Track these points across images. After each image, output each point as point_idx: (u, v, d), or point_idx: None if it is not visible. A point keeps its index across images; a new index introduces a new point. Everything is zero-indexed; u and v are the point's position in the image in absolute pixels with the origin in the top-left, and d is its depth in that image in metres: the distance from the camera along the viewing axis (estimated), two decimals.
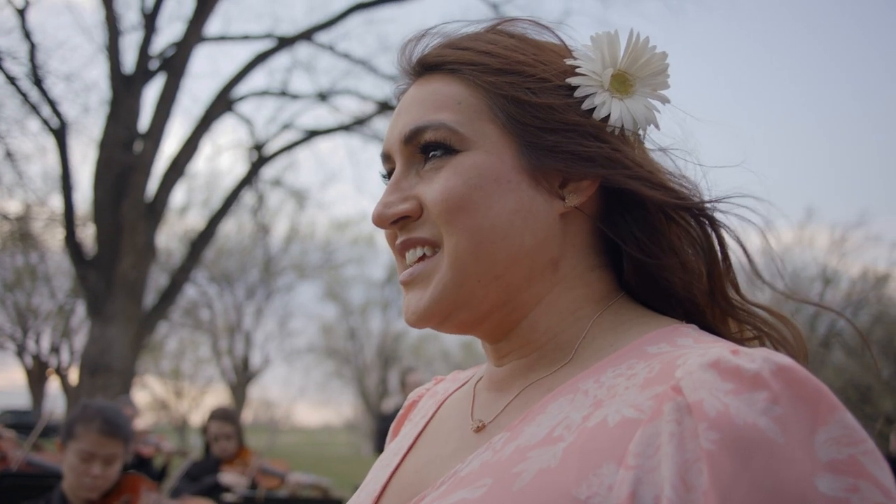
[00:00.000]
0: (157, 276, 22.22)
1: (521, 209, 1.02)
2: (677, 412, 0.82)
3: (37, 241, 26.66)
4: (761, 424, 0.77)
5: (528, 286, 1.05)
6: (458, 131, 1.03)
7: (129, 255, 15.06)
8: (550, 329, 1.06)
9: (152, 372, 41.94)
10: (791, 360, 0.83)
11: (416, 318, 1.05)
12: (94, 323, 15.31)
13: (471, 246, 1.01)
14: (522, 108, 1.03)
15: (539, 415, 0.97)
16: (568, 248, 1.06)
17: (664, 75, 1.08)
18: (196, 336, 40.09)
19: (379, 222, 1.07)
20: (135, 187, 15.22)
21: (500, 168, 1.02)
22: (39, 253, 28.48)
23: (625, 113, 1.05)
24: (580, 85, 1.05)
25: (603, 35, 1.06)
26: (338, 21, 17.40)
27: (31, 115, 15.73)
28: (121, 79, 15.54)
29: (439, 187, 1.02)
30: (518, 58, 1.05)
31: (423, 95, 1.08)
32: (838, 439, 0.78)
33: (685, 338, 0.97)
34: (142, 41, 15.87)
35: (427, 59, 1.10)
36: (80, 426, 3.53)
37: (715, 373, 0.82)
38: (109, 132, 15.31)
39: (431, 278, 1.04)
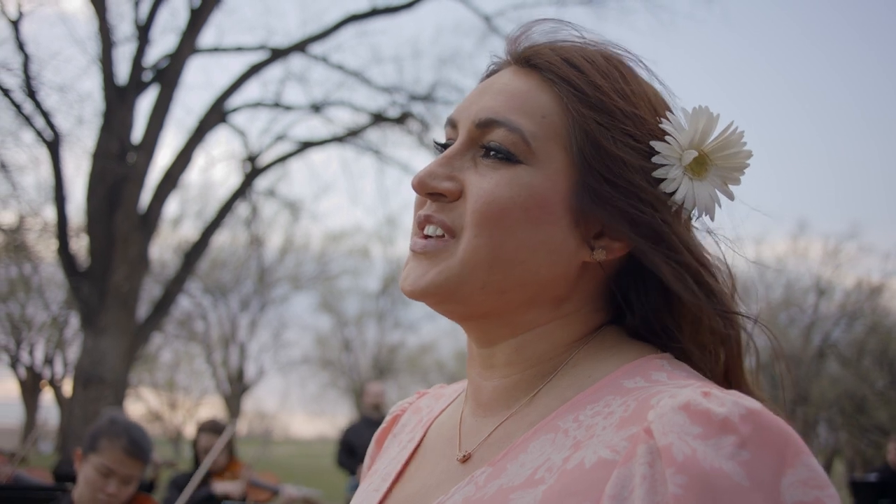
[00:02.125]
0: (150, 287, 22.18)
1: (550, 243, 1.02)
2: (650, 455, 0.84)
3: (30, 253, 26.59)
4: (727, 469, 0.79)
5: (526, 310, 1.05)
6: (530, 144, 1.01)
7: (122, 267, 15.03)
8: (536, 357, 1.06)
9: (147, 383, 41.83)
10: (759, 404, 0.85)
11: (412, 290, 1.04)
12: (87, 334, 15.27)
13: (489, 255, 1.01)
14: (597, 151, 1.01)
15: (521, 453, 0.98)
16: (576, 293, 1.06)
17: (740, 172, 1.07)
18: (190, 347, 39.99)
19: (418, 187, 1.06)
20: (128, 199, 15.20)
21: (550, 196, 1.01)
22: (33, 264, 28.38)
23: (689, 194, 1.03)
24: (661, 153, 1.03)
25: (704, 111, 1.04)
26: (331, 33, 17.43)
27: (24, 127, 15.72)
28: (114, 90, 15.53)
29: (488, 187, 1.01)
30: (616, 102, 1.03)
31: (515, 89, 1.06)
32: (805, 481, 0.81)
33: (659, 372, 0.99)
34: (135, 52, 15.88)
35: (537, 57, 1.08)
36: (105, 441, 3.47)
37: (685, 416, 0.84)
38: (103, 143, 15.30)
39: (440, 261, 1.03)
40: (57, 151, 15.30)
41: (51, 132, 15.30)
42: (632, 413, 0.92)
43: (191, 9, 16.09)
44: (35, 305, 32.22)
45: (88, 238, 15.53)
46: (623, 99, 1.04)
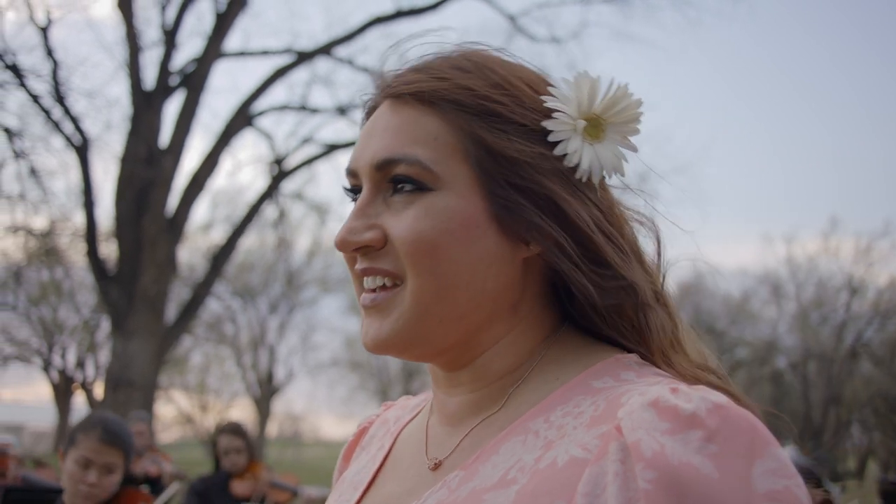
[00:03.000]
0: (180, 291, 22.33)
1: (487, 256, 1.02)
2: (621, 451, 0.85)
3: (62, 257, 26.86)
4: (695, 462, 0.81)
5: (489, 327, 1.06)
6: (432, 170, 1.02)
7: (150, 270, 15.15)
8: (504, 369, 1.07)
9: (178, 386, 42.10)
10: (726, 398, 0.87)
11: (374, 346, 1.05)
12: (117, 338, 15.40)
13: (435, 289, 1.01)
14: (494, 158, 1.02)
15: (493, 455, 0.99)
16: (527, 292, 1.07)
17: (636, 123, 1.08)
18: (220, 350, 40.19)
19: (342, 247, 1.07)
20: (155, 202, 15.33)
21: (470, 213, 1.02)
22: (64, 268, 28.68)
23: (594, 160, 1.05)
24: (554, 130, 1.04)
25: (583, 76, 1.06)
26: (356, 35, 17.50)
27: (54, 133, 15.88)
28: (142, 95, 15.67)
29: (408, 226, 1.02)
30: (497, 96, 1.04)
31: (399, 123, 1.06)
32: (774, 471, 0.82)
33: (628, 371, 1.01)
34: (162, 57, 16.00)
35: (406, 84, 1.07)
36: (81, 433, 3.51)
37: (654, 412, 0.86)
38: (130, 148, 15.44)
39: (393, 310, 1.04)
40: (86, 156, 15.44)
41: (79, 137, 15.44)
42: (602, 412, 0.93)
43: (216, 13, 16.20)
44: (67, 309, 32.55)
45: (117, 242, 15.67)
46: (498, 90, 1.05)
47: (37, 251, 26.91)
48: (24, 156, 16.82)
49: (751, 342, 35.60)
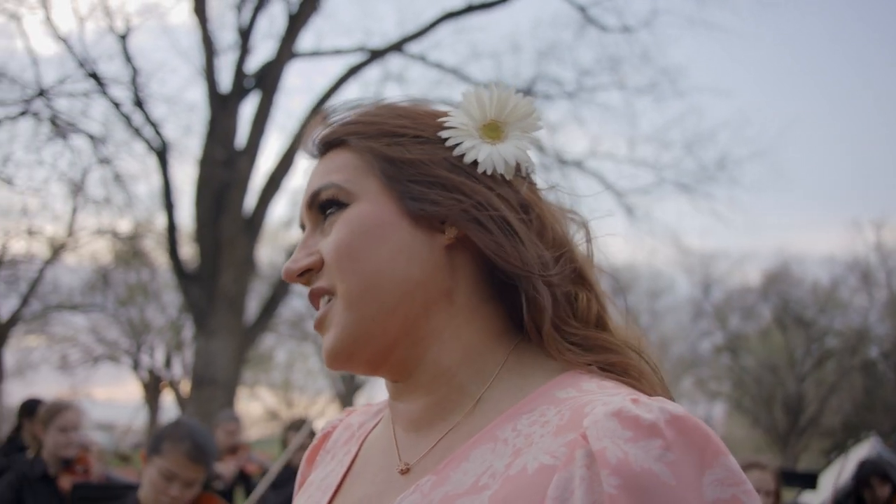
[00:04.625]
0: (262, 290, 22.67)
1: (403, 246, 1.11)
2: (587, 458, 0.91)
3: (147, 259, 27.54)
4: (656, 469, 0.88)
5: (427, 318, 1.12)
6: (345, 187, 1.15)
7: (230, 270, 15.41)
8: (455, 366, 1.12)
9: (263, 383, 42.80)
10: (683, 409, 0.94)
11: (328, 360, 1.14)
12: (199, 337, 15.71)
13: (358, 287, 1.10)
14: (394, 164, 1.14)
15: (462, 462, 1.04)
16: (459, 280, 1.13)
17: (533, 118, 1.17)
18: (304, 347, 40.73)
19: (287, 276, 1.17)
20: (233, 203, 15.57)
21: (381, 214, 1.12)
22: (150, 270, 29.40)
23: (495, 156, 1.14)
24: (450, 136, 1.15)
25: (467, 92, 1.17)
26: (428, 31, 17.49)
27: (135, 138, 16.26)
28: (217, 98, 15.93)
29: (332, 239, 1.13)
30: (396, 122, 1.17)
31: (321, 167, 1.21)
32: (722, 480, 0.89)
33: (589, 382, 1.06)
34: (236, 60, 16.24)
35: (323, 139, 1.22)
36: (168, 444, 3.51)
37: (617, 422, 0.92)
38: (208, 151, 15.71)
39: (332, 320, 1.13)
40: (165, 160, 15.76)
41: (159, 142, 15.77)
42: (567, 421, 0.99)
43: (289, 15, 16.38)
44: (153, 310, 33.34)
45: (197, 243, 15.97)
46: (400, 118, 1.18)
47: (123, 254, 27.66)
48: (108, 161, 17.28)
49: (841, 331, 34.75)
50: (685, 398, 43.55)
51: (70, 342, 34.87)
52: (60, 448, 4.93)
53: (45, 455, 4.93)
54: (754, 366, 35.34)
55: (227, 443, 7.78)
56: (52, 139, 16.83)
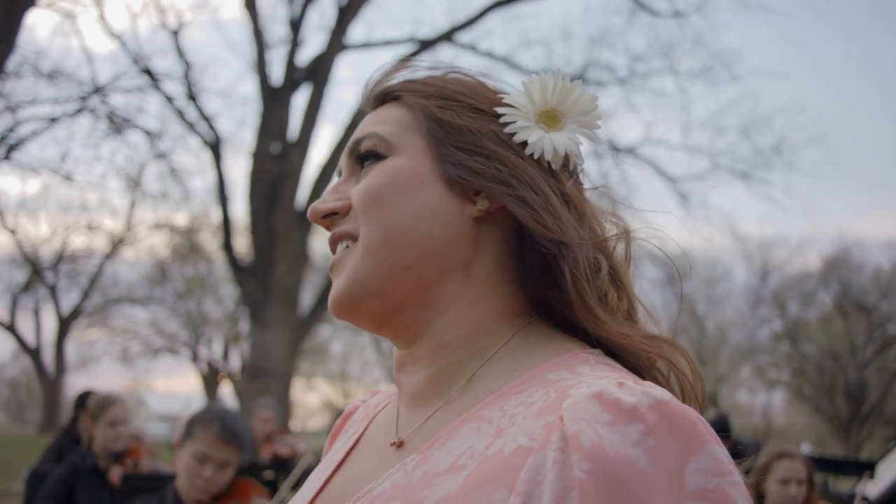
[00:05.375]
0: (316, 281, 22.84)
1: (432, 206, 1.09)
2: (561, 441, 0.86)
3: (204, 252, 27.92)
4: (632, 455, 0.82)
5: (441, 284, 1.10)
6: (387, 140, 1.13)
7: (283, 262, 15.54)
8: (458, 339, 1.10)
9: (320, 374, 43.23)
10: (669, 395, 0.88)
11: (332, 304, 1.12)
12: (254, 328, 15.89)
13: (380, 235, 1.08)
14: (442, 126, 1.12)
15: (448, 441, 1.01)
16: (482, 255, 1.11)
17: (594, 115, 1.15)
18: (360, 338, 41.07)
19: (312, 216, 1.17)
20: (286, 196, 15.71)
21: (417, 170, 1.11)
22: (207, 263, 29.80)
23: (546, 142, 1.11)
24: (505, 114, 1.13)
25: (532, 77, 1.15)
26: (477, 20, 17.47)
27: (190, 133, 16.46)
28: (269, 91, 16.07)
29: (363, 184, 1.12)
30: (453, 87, 1.16)
31: (370, 118, 1.19)
32: (708, 469, 0.83)
33: (584, 365, 1.01)
34: (288, 53, 16.35)
35: (378, 92, 1.21)
36: (199, 427, 3.58)
37: (597, 404, 0.87)
38: (261, 144, 15.86)
39: (347, 265, 1.11)
40: (219, 154, 15.94)
41: (213, 135, 15.95)
42: (551, 402, 0.95)
43: (339, 7, 16.45)
44: (211, 302, 33.82)
45: (251, 235, 16.13)
46: (459, 84, 1.17)
47: (180, 247, 28.07)
48: (164, 156, 17.53)
49: None
50: (744, 387, 43.10)
51: (130, 335, 35.56)
52: (110, 442, 5.00)
53: (95, 448, 5.01)
54: (815, 353, 34.81)
55: (262, 431, 7.85)
56: (109, 135, 17.13)
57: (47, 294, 31.71)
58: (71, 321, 32.41)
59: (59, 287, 31.40)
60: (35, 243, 28.93)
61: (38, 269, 29.66)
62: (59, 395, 32.21)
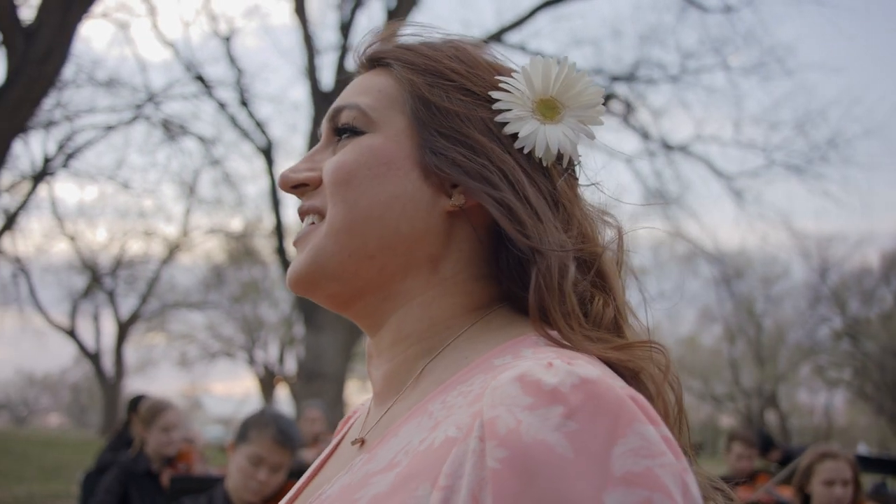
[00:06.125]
0: None
1: (403, 196, 1.03)
2: (481, 429, 0.80)
3: (258, 257, 28.19)
4: (551, 440, 0.76)
5: (404, 277, 1.05)
6: (368, 114, 1.07)
7: None
8: (416, 333, 1.05)
9: None
10: (597, 373, 0.81)
11: (289, 281, 1.08)
12: (308, 331, 15.98)
13: (346, 218, 1.03)
14: (429, 108, 1.06)
15: (393, 438, 0.97)
16: (452, 252, 1.06)
17: (596, 110, 1.08)
18: None
19: (282, 184, 1.12)
20: None
21: (394, 153, 1.05)
22: (262, 267, 30.08)
23: (539, 135, 1.04)
24: (500, 100, 1.06)
25: (538, 59, 1.07)
26: (526, 20, 17.38)
27: (243, 139, 16.65)
28: (320, 96, 16.15)
29: (335, 159, 1.07)
30: (449, 64, 1.08)
31: (360, 81, 1.13)
32: (636, 451, 0.76)
33: (530, 348, 0.95)
34: (338, 58, 16.44)
35: (370, 54, 1.15)
36: (255, 431, 3.63)
37: (518, 387, 0.81)
38: (311, 148, 15.94)
39: (309, 242, 1.07)
40: (271, 159, 16.09)
41: (265, 140, 16.10)
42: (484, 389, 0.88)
43: (388, 11, 16.49)
44: (266, 306, 34.13)
45: None
46: (455, 62, 1.08)
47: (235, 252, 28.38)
48: (218, 162, 17.76)
49: None
50: (803, 386, 42.42)
51: (188, 339, 36.01)
52: (163, 447, 5.08)
53: (148, 452, 5.10)
54: (876, 351, 34.13)
55: (310, 432, 7.91)
56: (164, 142, 17.41)
57: (106, 300, 32.26)
58: (129, 326, 32.92)
59: (117, 293, 31.94)
60: (94, 250, 29.48)
61: (97, 275, 30.19)
62: (119, 398, 32.68)
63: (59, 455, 23.25)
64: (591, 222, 1.06)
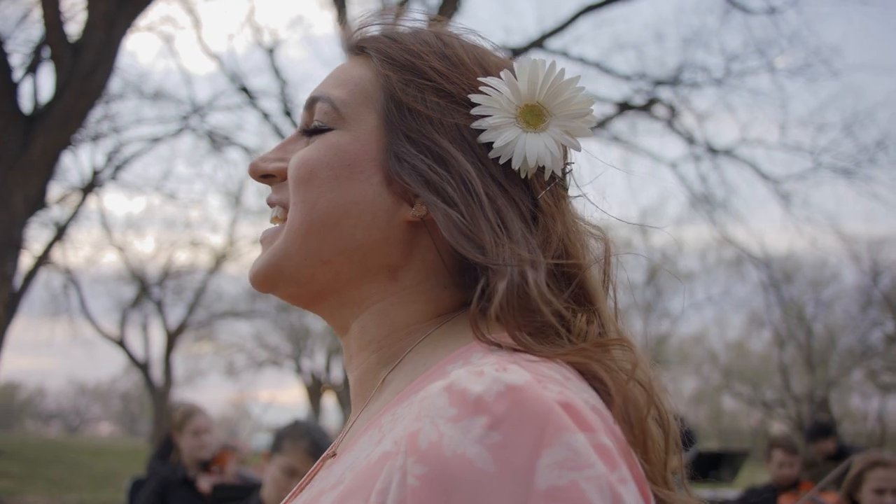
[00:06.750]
0: None
1: (362, 202, 1.00)
2: (406, 443, 0.76)
3: None
4: (471, 454, 0.71)
5: (360, 284, 1.03)
6: (339, 110, 1.03)
7: None
8: (378, 339, 1.03)
9: None
10: (526, 379, 0.75)
11: (250, 279, 1.07)
12: None
13: (304, 221, 1.01)
14: (400, 110, 1.01)
15: (349, 453, 0.94)
16: (414, 261, 1.02)
17: (585, 120, 1.01)
18: None
19: (251, 173, 1.10)
20: None
21: (359, 155, 1.01)
22: None
23: (517, 146, 0.98)
24: (480, 104, 0.99)
25: (529, 62, 1.00)
26: (568, 26, 17.31)
27: None
28: None
29: (300, 155, 1.03)
30: (431, 61, 1.03)
31: (340, 69, 1.09)
32: (562, 463, 0.71)
33: (480, 352, 0.90)
34: None
35: (362, 41, 1.10)
36: (288, 442, 3.66)
37: (446, 397, 0.76)
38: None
39: (271, 243, 1.05)
40: None
41: None
42: None
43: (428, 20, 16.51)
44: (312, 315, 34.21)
45: None
46: (440, 59, 1.02)
47: None
48: None
49: None
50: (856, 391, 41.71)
51: (235, 348, 36.29)
52: (195, 451, 5.13)
53: (184, 459, 5.15)
54: None
55: None
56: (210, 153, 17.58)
57: (155, 309, 32.61)
58: (178, 336, 33.24)
59: (165, 302, 32.28)
60: (142, 260, 29.85)
61: (145, 286, 30.54)
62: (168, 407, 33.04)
63: (109, 463, 23.56)
64: (577, 236, 1.01)
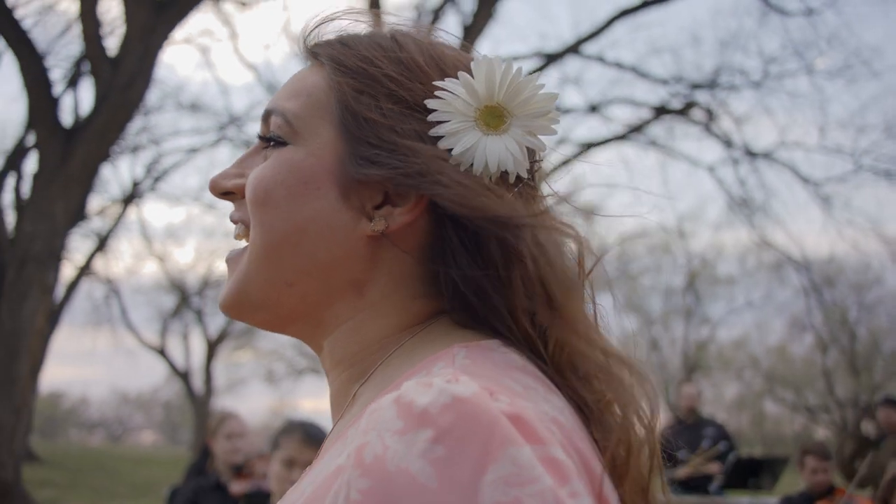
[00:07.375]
0: None
1: (320, 219, 0.97)
2: (353, 457, 0.74)
3: None
4: (414, 469, 0.69)
5: (329, 304, 1.00)
6: (292, 124, 1.00)
7: None
8: (349, 357, 1.00)
9: None
10: (473, 391, 0.73)
11: (220, 306, 1.04)
12: None
13: (264, 244, 0.98)
14: (356, 120, 0.97)
15: (316, 466, 0.92)
16: (381, 275, 0.99)
17: (548, 118, 0.98)
18: None
19: (211, 190, 1.07)
20: None
21: (313, 171, 0.98)
22: None
23: (478, 151, 0.94)
24: (436, 109, 0.96)
25: (484, 61, 0.96)
26: (603, 31, 17.25)
27: None
28: None
29: (256, 173, 1.00)
30: (386, 67, 0.98)
31: (292, 81, 1.05)
32: (506, 479, 0.68)
33: (441, 363, 0.87)
34: None
35: (316, 47, 1.06)
36: (283, 436, 3.85)
37: (394, 409, 0.74)
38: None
39: (235, 268, 1.03)
40: None
41: None
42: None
43: (464, 26, 16.52)
44: None
45: None
46: (396, 62, 0.99)
47: None
48: None
49: None
50: None
51: (275, 356, 36.47)
52: (229, 455, 5.18)
53: (217, 464, 5.21)
54: None
55: None
56: None
57: (195, 319, 32.91)
58: (218, 344, 33.50)
59: (205, 311, 32.55)
60: (182, 270, 30.18)
61: (185, 295, 30.85)
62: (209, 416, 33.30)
63: (151, 472, 23.78)
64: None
